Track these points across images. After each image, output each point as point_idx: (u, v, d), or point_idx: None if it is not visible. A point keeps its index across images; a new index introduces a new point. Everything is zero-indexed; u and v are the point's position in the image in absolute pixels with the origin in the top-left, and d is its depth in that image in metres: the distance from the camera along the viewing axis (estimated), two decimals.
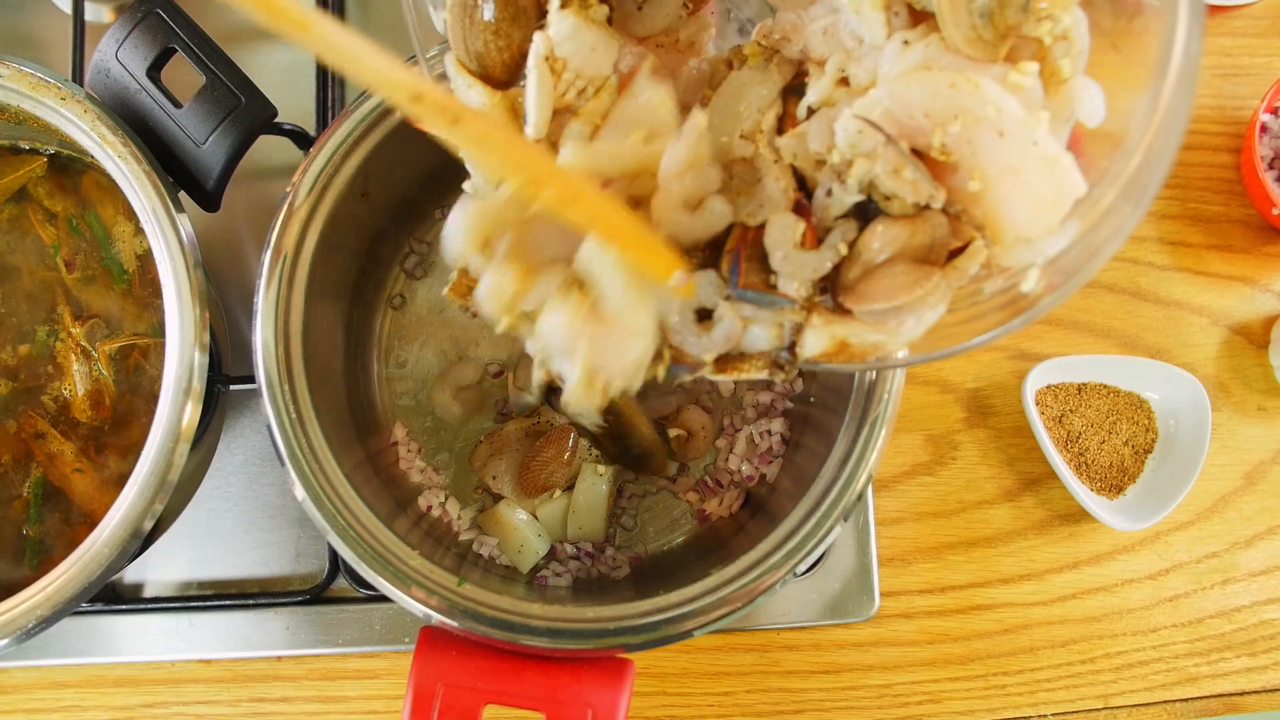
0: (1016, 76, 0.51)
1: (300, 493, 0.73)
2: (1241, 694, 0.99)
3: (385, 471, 0.89)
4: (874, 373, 0.78)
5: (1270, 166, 1.01)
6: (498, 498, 0.91)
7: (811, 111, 0.57)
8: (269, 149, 0.91)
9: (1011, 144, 0.50)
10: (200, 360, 0.75)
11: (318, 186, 0.79)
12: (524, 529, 0.89)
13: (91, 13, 1.01)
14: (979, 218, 0.53)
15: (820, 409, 0.85)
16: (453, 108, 0.49)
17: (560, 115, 0.57)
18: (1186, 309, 1.04)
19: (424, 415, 0.95)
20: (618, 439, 0.88)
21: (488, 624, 0.72)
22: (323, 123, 0.98)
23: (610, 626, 0.72)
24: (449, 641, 0.73)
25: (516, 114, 0.58)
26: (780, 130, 0.59)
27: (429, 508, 0.91)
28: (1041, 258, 0.53)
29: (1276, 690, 0.99)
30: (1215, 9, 1.03)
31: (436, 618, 0.72)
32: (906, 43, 0.53)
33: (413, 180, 0.89)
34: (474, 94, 0.58)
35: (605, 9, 0.57)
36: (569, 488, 0.90)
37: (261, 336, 0.76)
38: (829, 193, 0.56)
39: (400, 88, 0.47)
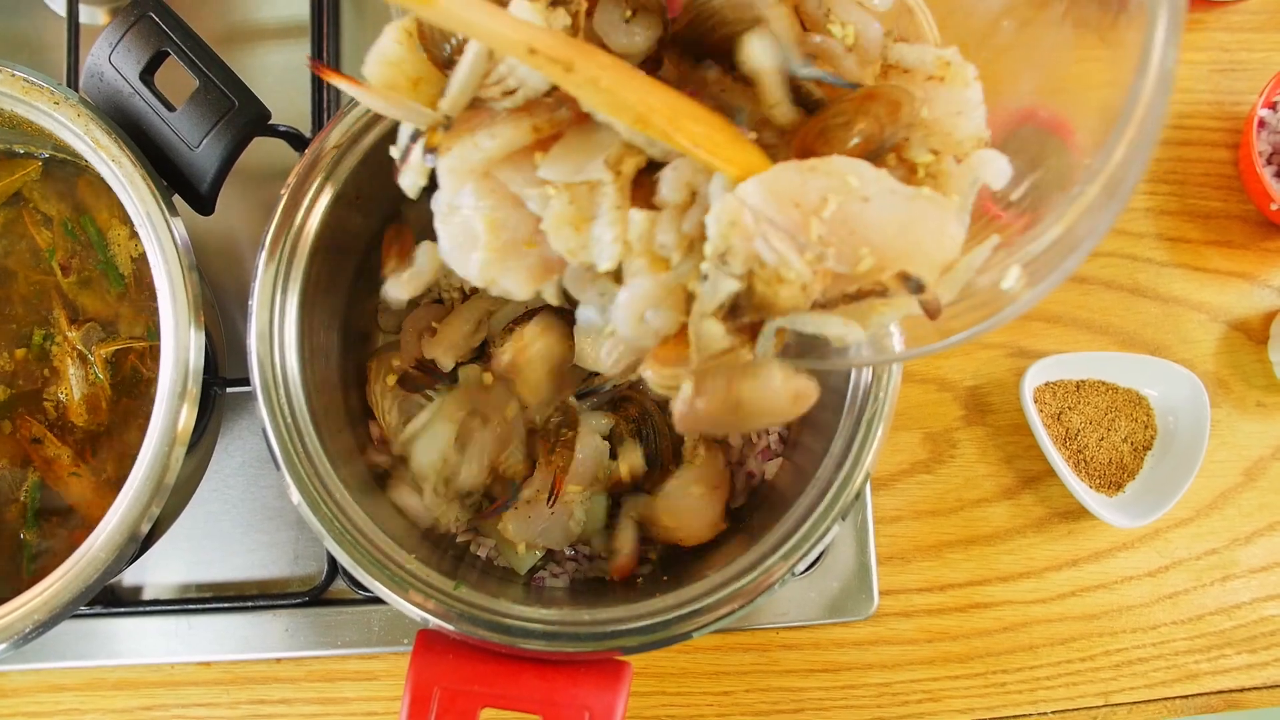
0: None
1: (296, 496, 0.73)
2: (1242, 690, 0.99)
3: (382, 474, 0.89)
4: (870, 372, 0.78)
5: (1268, 162, 1.01)
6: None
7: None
8: (265, 150, 0.91)
9: (877, 205, 0.52)
10: (195, 364, 0.75)
11: (312, 188, 0.78)
12: None
13: (86, 15, 1.01)
14: (886, 282, 0.53)
15: (818, 407, 0.85)
16: (565, 56, 0.52)
17: (476, 105, 0.58)
18: (1185, 305, 1.04)
19: None
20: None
21: (484, 627, 0.72)
22: (318, 124, 0.98)
23: (607, 629, 0.72)
24: (446, 645, 0.73)
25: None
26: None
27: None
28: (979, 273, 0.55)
29: (1277, 686, 0.99)
30: (1213, 4, 1.02)
31: (433, 621, 0.72)
32: None
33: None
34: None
35: (566, 17, 0.57)
36: None
37: (256, 339, 0.75)
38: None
39: (516, 44, 0.51)
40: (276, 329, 0.76)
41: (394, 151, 0.60)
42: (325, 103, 0.99)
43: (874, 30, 0.61)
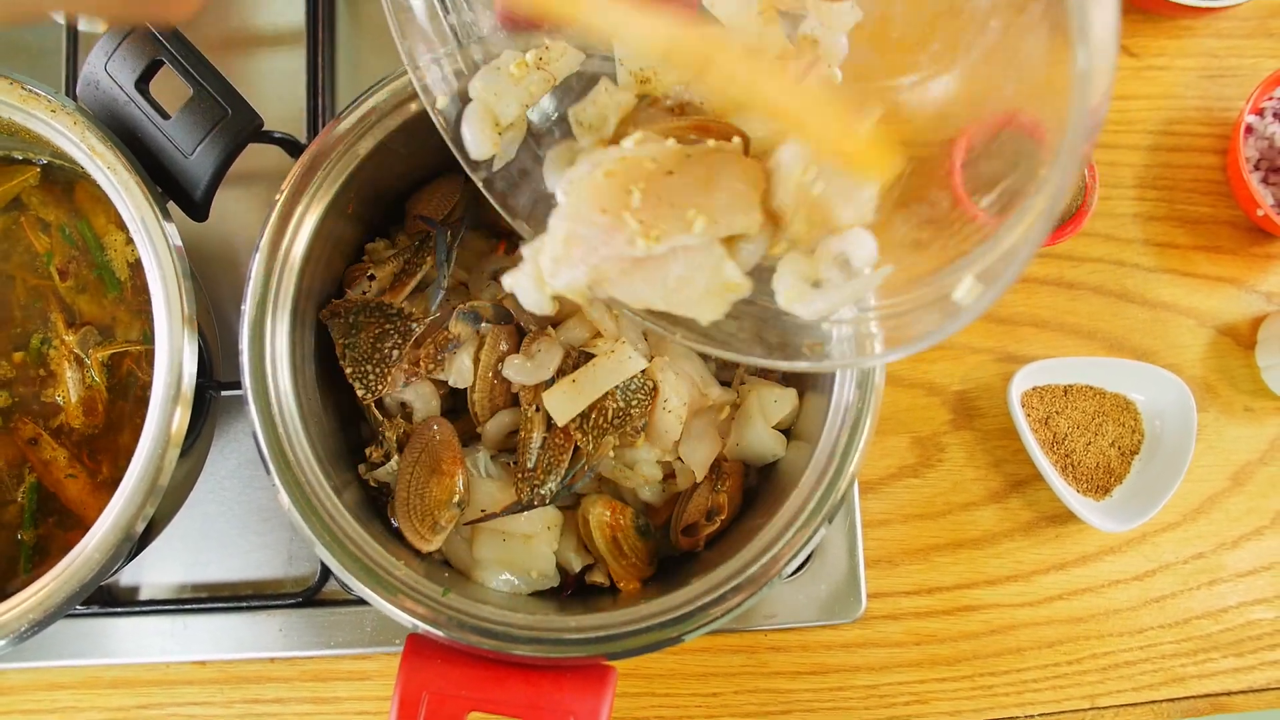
0: None
1: (285, 501, 0.74)
2: (1228, 694, 1.00)
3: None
4: (853, 376, 0.79)
5: (1255, 168, 1.01)
6: None
7: None
8: (262, 155, 0.92)
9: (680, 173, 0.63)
10: (189, 368, 0.76)
11: (306, 195, 0.79)
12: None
13: (85, 22, 1.02)
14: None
15: (803, 411, 0.86)
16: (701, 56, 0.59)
17: None
18: (1173, 310, 1.05)
19: None
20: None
21: (472, 632, 0.73)
22: (313, 130, 0.99)
23: (592, 635, 0.73)
24: (434, 650, 0.74)
25: None
26: None
27: None
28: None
29: (1263, 690, 1.00)
30: (1202, 10, 1.03)
31: (422, 627, 0.73)
32: None
33: (401, 185, 0.90)
34: None
35: None
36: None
37: (248, 343, 0.76)
38: None
39: (651, 39, 0.58)
40: (268, 335, 0.77)
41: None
42: (320, 109, 1.00)
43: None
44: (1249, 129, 1.01)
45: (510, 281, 0.65)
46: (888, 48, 0.71)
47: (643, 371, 0.82)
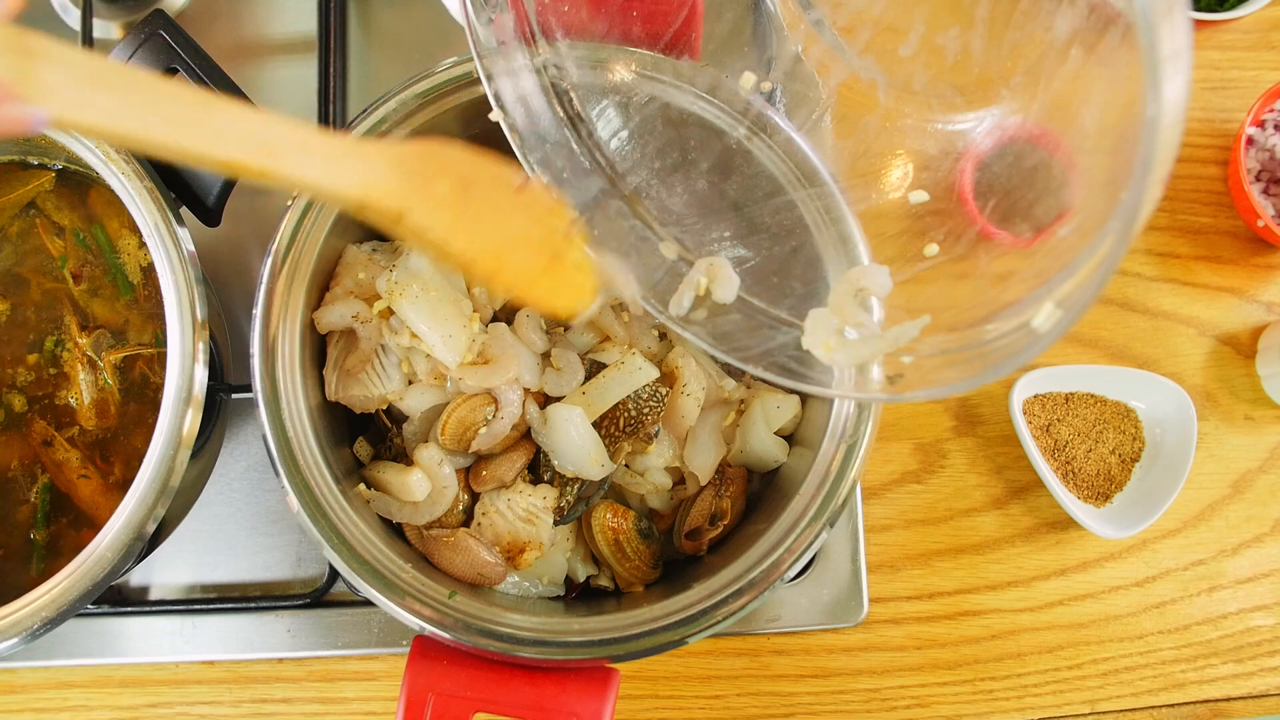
0: None
1: (294, 503, 0.75)
2: (1228, 700, 1.01)
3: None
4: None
5: (1256, 179, 1.02)
6: None
7: None
8: None
9: None
10: (200, 371, 0.77)
11: (318, 200, 0.80)
12: None
13: (101, 29, 1.04)
14: None
15: (806, 416, 0.87)
16: (395, 208, 0.61)
17: None
18: (1174, 319, 1.06)
19: None
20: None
21: (477, 634, 0.74)
22: None
23: (595, 638, 0.74)
24: (440, 651, 0.75)
25: None
26: None
27: None
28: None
29: (1263, 696, 1.01)
30: (1204, 23, 1.04)
31: (428, 629, 0.74)
32: None
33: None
34: None
35: None
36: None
37: (259, 347, 0.78)
38: None
39: (348, 199, 0.60)
40: (279, 339, 0.78)
41: None
42: (332, 117, 1.01)
43: None
44: (1250, 141, 1.02)
45: None
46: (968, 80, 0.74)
47: (656, 379, 0.83)
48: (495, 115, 0.76)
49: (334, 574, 0.97)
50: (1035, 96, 0.72)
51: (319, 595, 0.97)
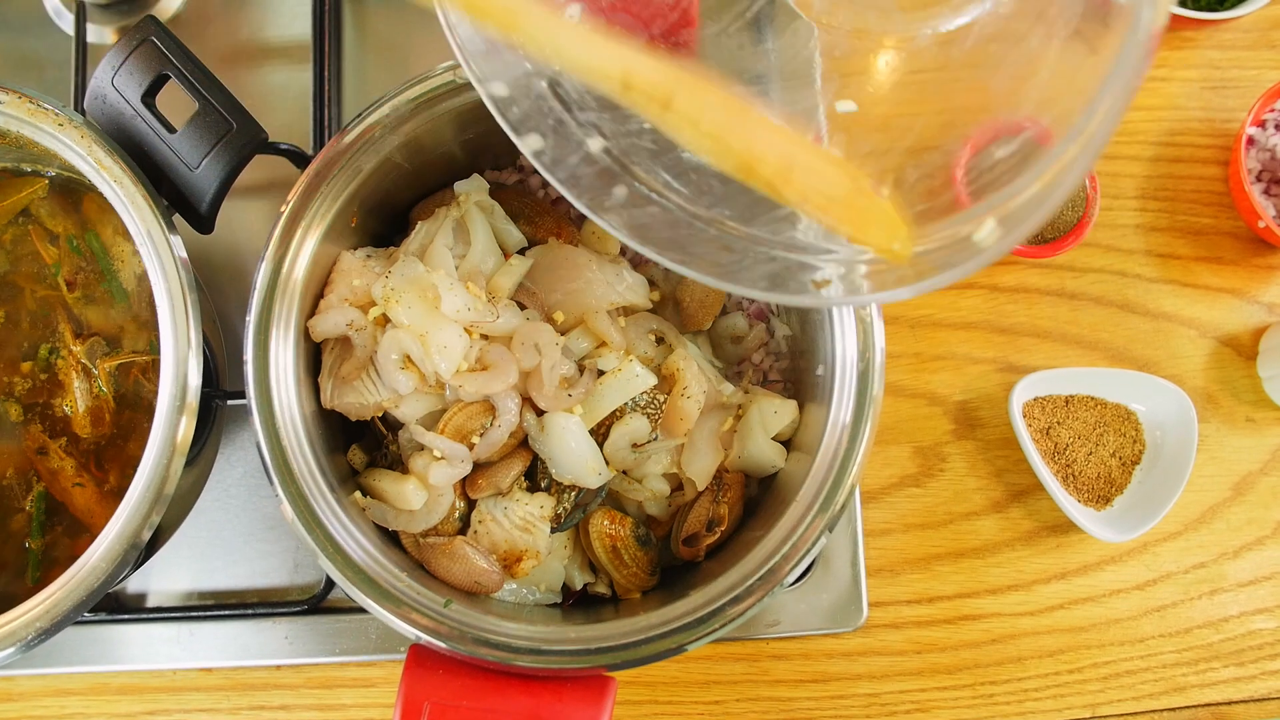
0: None
1: (289, 512, 0.75)
2: (1229, 703, 1.00)
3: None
4: (854, 384, 0.80)
5: (1257, 179, 1.02)
6: None
7: None
8: (269, 165, 0.93)
9: None
10: (194, 378, 0.77)
11: (311, 206, 0.80)
12: None
13: (95, 34, 1.03)
14: None
15: (803, 421, 0.87)
16: (663, 92, 0.52)
17: None
18: (1175, 321, 1.05)
19: None
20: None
21: (473, 643, 0.73)
22: (319, 141, 1.00)
23: (592, 646, 0.74)
24: (436, 660, 0.74)
25: None
26: None
27: None
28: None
29: (1264, 700, 1.00)
30: (1204, 22, 1.03)
31: (424, 638, 0.74)
32: None
33: (405, 196, 0.91)
34: None
35: None
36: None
37: (252, 355, 0.77)
38: None
39: (609, 75, 0.52)
40: (273, 347, 0.78)
41: None
42: (326, 121, 1.00)
43: None
44: (1250, 141, 1.01)
45: None
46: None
47: (654, 385, 0.83)
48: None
49: (331, 581, 0.96)
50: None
51: (316, 602, 0.96)
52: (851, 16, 0.70)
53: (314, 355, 0.83)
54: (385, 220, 0.89)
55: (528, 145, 0.67)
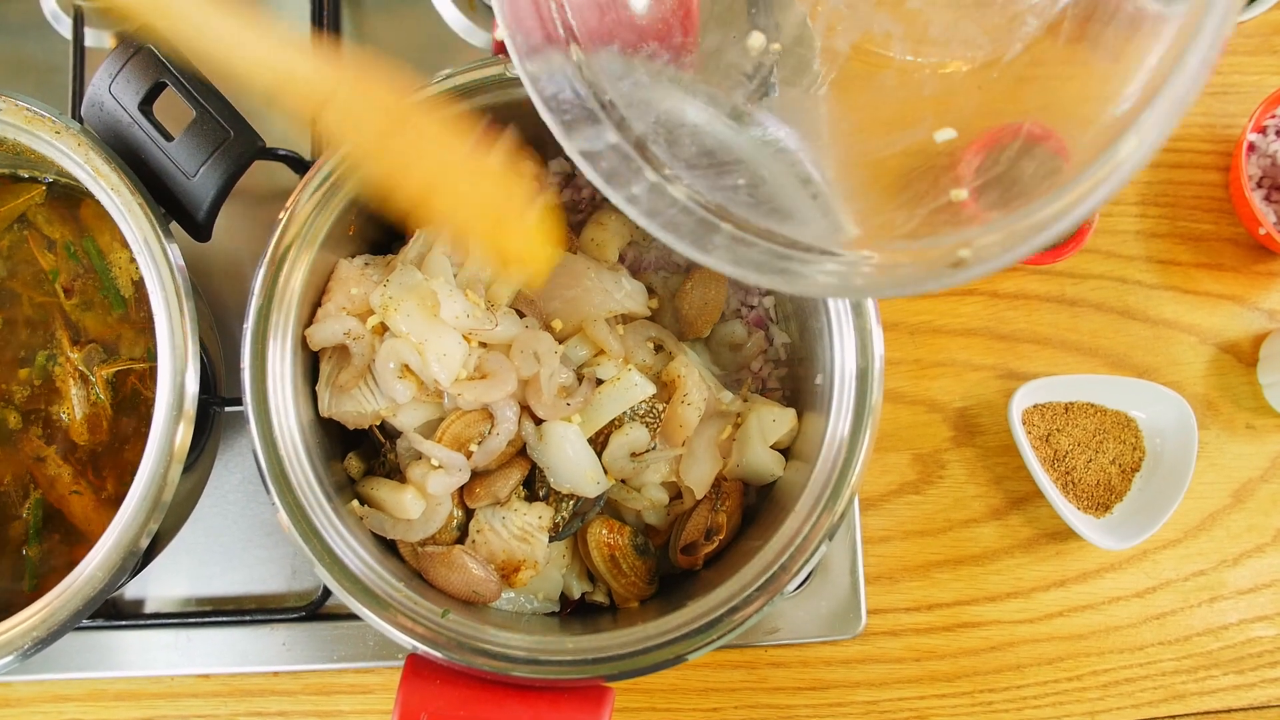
0: None
1: (285, 521, 0.75)
2: (1229, 711, 1.00)
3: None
4: (853, 393, 0.79)
5: (1258, 185, 1.01)
6: None
7: None
8: (268, 170, 0.93)
9: None
10: (191, 386, 0.76)
11: (309, 212, 0.80)
12: None
13: (93, 39, 1.03)
14: None
15: (802, 430, 0.86)
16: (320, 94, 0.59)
17: None
18: (1175, 327, 1.05)
19: None
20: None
21: (470, 653, 0.73)
22: (318, 148, 0.99)
23: (590, 656, 0.74)
24: (434, 670, 0.74)
25: None
26: None
27: None
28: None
29: (1264, 708, 1.00)
30: None
31: (421, 647, 0.73)
32: None
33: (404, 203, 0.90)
34: None
35: None
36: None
37: (249, 364, 0.77)
38: None
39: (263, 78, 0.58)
40: (270, 355, 0.78)
41: None
42: None
43: None
44: (1251, 147, 1.01)
45: None
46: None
47: (653, 395, 0.82)
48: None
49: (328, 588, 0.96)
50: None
51: (314, 608, 0.96)
52: (907, 50, 0.71)
53: (311, 363, 0.83)
54: (383, 228, 0.89)
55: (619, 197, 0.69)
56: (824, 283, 0.66)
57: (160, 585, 0.98)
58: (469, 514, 0.83)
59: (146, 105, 0.80)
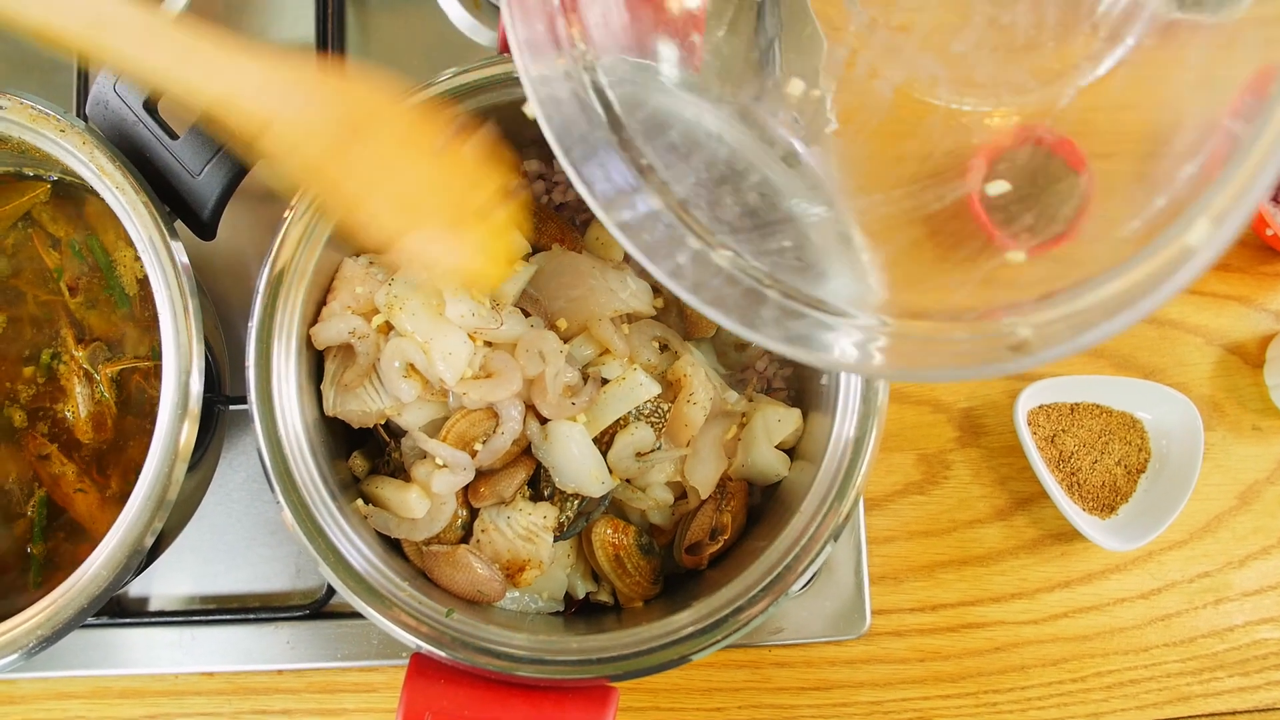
0: None
1: (290, 519, 0.75)
2: (1234, 713, 1.00)
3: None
4: (858, 394, 0.79)
5: None
6: None
7: None
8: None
9: None
10: (196, 384, 0.76)
11: (315, 210, 0.80)
12: None
13: None
14: None
15: (808, 431, 0.86)
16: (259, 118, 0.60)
17: None
18: (1181, 328, 1.04)
19: None
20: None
21: (475, 653, 0.73)
22: None
23: (594, 656, 0.74)
24: (438, 669, 0.74)
25: None
26: None
27: None
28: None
29: (1269, 710, 1.00)
30: None
31: (425, 647, 0.73)
32: None
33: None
34: None
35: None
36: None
37: (254, 362, 0.77)
38: None
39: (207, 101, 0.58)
40: (275, 354, 0.77)
41: None
42: None
43: None
44: None
45: None
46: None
47: (658, 394, 0.82)
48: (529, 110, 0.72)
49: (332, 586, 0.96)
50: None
51: (318, 606, 0.96)
52: (951, 96, 0.70)
53: (316, 362, 0.83)
54: None
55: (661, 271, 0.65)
56: (880, 363, 0.64)
57: (164, 583, 0.98)
58: (474, 513, 0.83)
59: (151, 104, 0.80)
